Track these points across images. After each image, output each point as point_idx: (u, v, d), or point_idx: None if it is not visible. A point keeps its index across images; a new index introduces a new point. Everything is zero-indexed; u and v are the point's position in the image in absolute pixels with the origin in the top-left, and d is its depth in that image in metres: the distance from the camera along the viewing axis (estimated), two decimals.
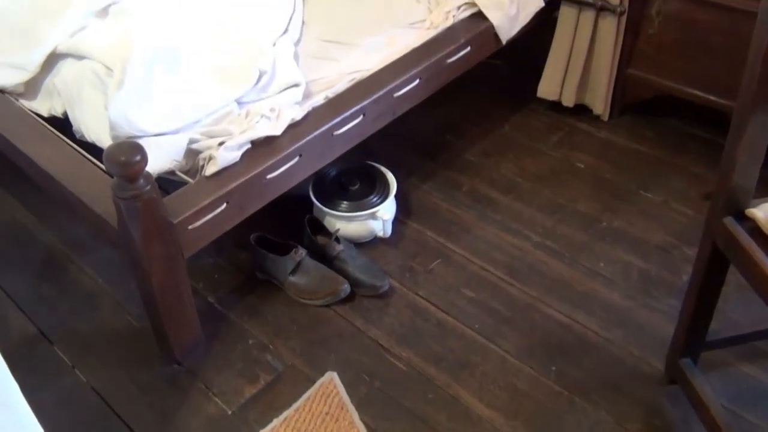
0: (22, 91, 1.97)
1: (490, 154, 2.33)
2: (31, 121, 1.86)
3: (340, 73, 1.91)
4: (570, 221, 2.08)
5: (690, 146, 2.32)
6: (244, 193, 1.64)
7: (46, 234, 2.11)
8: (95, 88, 1.83)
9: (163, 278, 1.58)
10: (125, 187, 1.43)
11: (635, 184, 2.19)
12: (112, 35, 1.95)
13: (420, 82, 1.97)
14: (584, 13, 2.22)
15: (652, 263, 1.94)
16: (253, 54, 1.86)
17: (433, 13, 2.13)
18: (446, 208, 2.14)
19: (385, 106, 1.91)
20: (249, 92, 1.79)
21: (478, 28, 2.11)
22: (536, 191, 2.18)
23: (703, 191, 2.14)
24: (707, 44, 2.10)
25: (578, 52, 2.28)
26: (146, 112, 1.68)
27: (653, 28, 2.16)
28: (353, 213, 1.96)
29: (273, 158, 1.67)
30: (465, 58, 2.08)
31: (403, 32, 2.07)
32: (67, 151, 1.74)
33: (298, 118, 1.75)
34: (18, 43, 1.99)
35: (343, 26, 2.08)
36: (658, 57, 2.22)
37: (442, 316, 1.83)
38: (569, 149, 2.34)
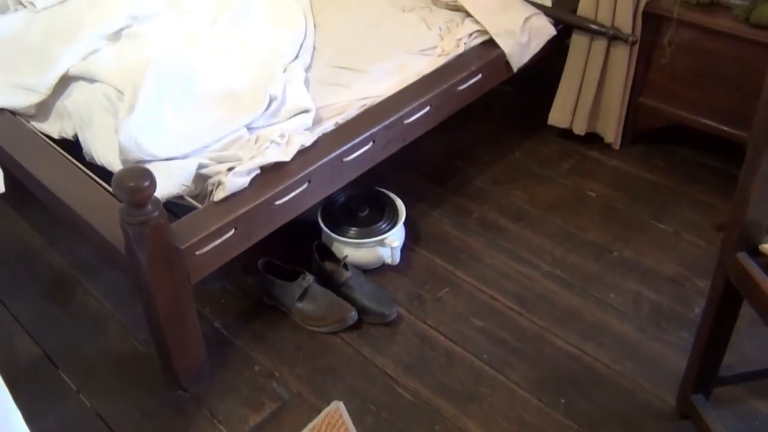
0: (34, 112, 1.98)
1: (500, 181, 2.32)
2: (41, 143, 1.86)
3: (350, 99, 1.91)
4: (580, 251, 2.06)
5: (702, 176, 2.31)
6: (253, 219, 1.63)
7: (55, 255, 2.11)
8: (106, 112, 1.84)
9: (169, 304, 1.57)
10: (133, 213, 1.42)
11: (647, 213, 2.17)
12: (125, 59, 1.96)
13: (430, 109, 1.97)
14: (596, 41, 2.21)
15: (663, 295, 1.91)
16: (264, 79, 1.86)
17: (444, 40, 2.13)
18: (455, 235, 2.13)
19: (395, 132, 1.90)
20: (259, 118, 1.79)
21: (490, 56, 2.11)
22: (546, 219, 2.17)
23: (715, 222, 2.12)
24: (720, 74, 2.09)
25: (590, 80, 2.27)
26: (156, 137, 1.68)
27: (665, 57, 2.15)
28: (362, 240, 1.95)
29: (282, 184, 1.67)
30: (476, 85, 2.08)
31: (414, 59, 2.07)
32: (77, 174, 1.74)
33: (307, 144, 1.75)
34: (31, 65, 2.00)
35: (354, 52, 2.08)
36: (670, 86, 2.21)
37: (450, 345, 1.81)
38: (580, 177, 2.32)
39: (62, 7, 2.22)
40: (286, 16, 2.19)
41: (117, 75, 1.90)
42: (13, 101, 1.95)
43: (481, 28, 2.14)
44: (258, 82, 1.87)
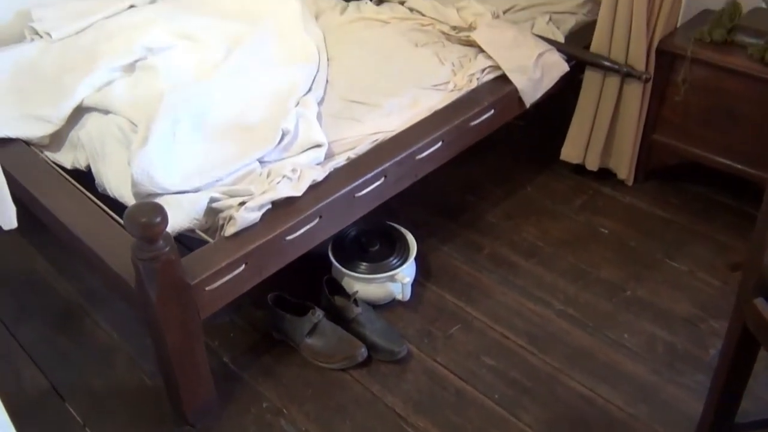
0: (47, 143, 1.99)
1: (512, 216, 2.31)
2: (53, 174, 1.87)
3: (362, 133, 1.91)
4: (593, 289, 2.04)
5: (716, 214, 2.28)
6: (263, 254, 1.62)
7: (64, 284, 2.11)
8: (119, 144, 1.85)
9: (178, 339, 1.56)
10: (144, 248, 1.42)
11: (660, 251, 2.15)
12: (139, 91, 1.98)
13: (443, 144, 1.96)
14: (609, 78, 2.21)
15: (678, 336, 1.88)
16: (277, 113, 1.87)
17: (457, 76, 2.13)
18: (467, 271, 2.11)
19: (407, 168, 1.90)
20: (271, 152, 1.79)
21: (502, 92, 2.11)
22: (559, 256, 2.15)
23: (730, 261, 2.10)
24: (734, 113, 2.08)
25: (603, 116, 2.27)
26: (168, 171, 1.68)
27: (679, 95, 2.14)
28: (372, 275, 1.93)
29: (293, 219, 1.66)
30: (488, 121, 2.08)
31: (426, 93, 2.07)
32: (88, 205, 1.74)
33: (319, 179, 1.74)
34: (46, 96, 2.02)
35: (366, 86, 2.08)
36: (684, 124, 2.20)
37: (461, 384, 1.78)
38: (593, 214, 2.31)
39: (78, 38, 2.24)
40: (299, 50, 2.20)
41: (131, 107, 1.91)
42: (27, 131, 1.96)
43: (494, 64, 2.15)
44: (271, 116, 1.88)
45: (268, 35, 2.23)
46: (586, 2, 2.42)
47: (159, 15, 2.29)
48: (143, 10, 2.36)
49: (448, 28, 2.34)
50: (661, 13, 2.10)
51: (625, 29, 2.11)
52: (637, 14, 2.07)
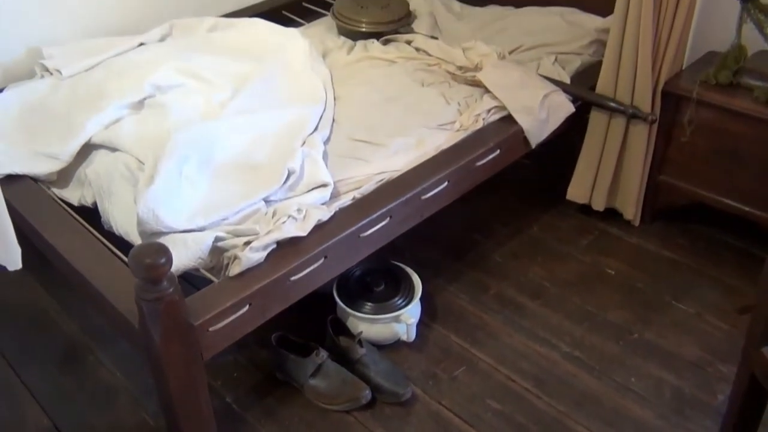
0: (55, 179, 2.00)
1: (518, 255, 2.30)
2: (59, 211, 1.87)
3: (368, 173, 1.91)
4: (600, 331, 2.02)
5: (724, 256, 2.27)
6: (268, 294, 1.62)
7: (68, 322, 2.10)
8: (126, 182, 1.86)
9: (181, 380, 1.54)
10: (148, 289, 1.41)
11: (668, 293, 2.13)
12: (147, 129, 1.99)
13: (448, 184, 1.97)
14: (615, 119, 2.21)
15: (685, 380, 1.86)
16: (283, 153, 1.87)
17: (462, 115, 2.14)
18: (472, 311, 2.09)
19: (412, 208, 1.90)
20: (277, 191, 1.79)
21: (508, 132, 2.11)
22: (565, 297, 2.13)
23: (738, 304, 2.08)
24: (741, 155, 2.08)
25: (609, 156, 2.27)
26: (174, 210, 1.69)
27: (685, 136, 2.15)
28: (377, 315, 1.92)
29: (298, 260, 1.66)
30: (494, 161, 2.08)
31: (432, 133, 2.07)
32: (94, 243, 1.74)
33: (324, 219, 1.74)
34: (55, 133, 2.03)
35: (373, 125, 2.09)
36: (691, 165, 2.20)
37: (466, 428, 1.76)
38: (599, 254, 2.30)
39: (87, 75, 2.26)
40: (307, 89, 2.22)
41: (138, 145, 1.92)
42: (35, 168, 1.96)
43: (500, 104, 2.15)
44: (277, 155, 1.88)
45: (276, 74, 2.25)
46: (592, 43, 2.44)
47: (168, 53, 2.32)
48: (153, 48, 2.39)
49: (454, 68, 2.35)
50: (667, 55, 2.11)
51: (630, 70, 2.12)
52: (643, 56, 2.08)
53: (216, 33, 2.53)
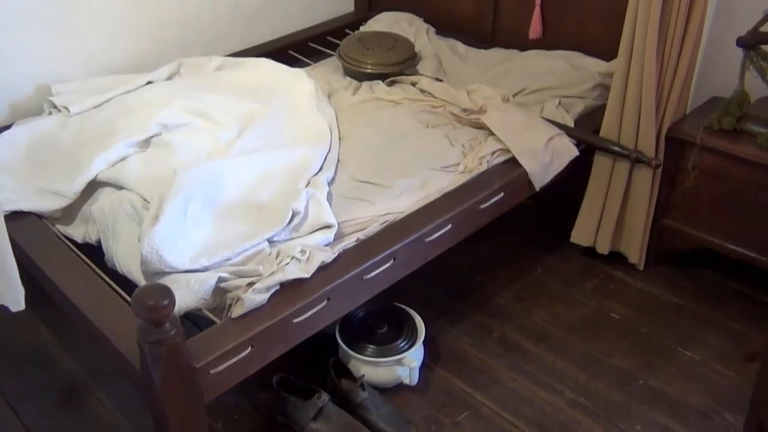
0: (59, 216, 2.00)
1: (522, 298, 2.29)
2: (63, 249, 1.87)
3: (372, 214, 1.91)
4: (605, 377, 1.99)
5: (730, 301, 2.25)
6: (270, 337, 1.60)
7: (69, 360, 2.09)
8: (131, 220, 1.86)
9: (181, 422, 1.52)
10: (150, 331, 1.40)
11: (673, 339, 2.12)
12: (152, 167, 2.00)
13: (452, 227, 1.96)
14: (619, 163, 2.22)
15: (692, 429, 1.83)
16: (288, 194, 1.88)
17: (467, 158, 2.15)
18: (475, 354, 2.08)
19: (416, 250, 1.89)
20: (281, 232, 1.79)
21: (512, 175, 2.11)
22: (569, 342, 2.12)
23: (745, 351, 2.06)
24: (745, 200, 2.08)
25: (613, 200, 2.27)
26: (178, 250, 1.68)
27: (689, 181, 2.15)
28: (379, 358, 1.91)
29: (301, 302, 1.65)
30: (498, 204, 2.08)
31: (436, 175, 2.07)
32: (96, 282, 1.73)
33: (328, 261, 1.73)
34: (61, 171, 2.04)
35: (377, 167, 2.10)
36: (695, 210, 2.20)
37: None
38: (603, 298, 2.28)
39: (95, 113, 2.28)
40: (312, 129, 2.23)
41: (144, 183, 1.92)
42: (40, 206, 1.97)
43: (504, 147, 2.16)
44: (281, 195, 1.89)
45: (281, 114, 2.27)
46: (596, 87, 2.46)
47: (175, 91, 2.34)
48: (160, 87, 2.41)
49: (458, 110, 2.37)
50: (670, 100, 2.12)
51: (634, 115, 2.14)
52: (646, 100, 2.09)
53: (223, 72, 2.56)
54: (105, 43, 2.53)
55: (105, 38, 2.53)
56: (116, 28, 2.53)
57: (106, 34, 2.52)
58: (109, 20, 2.51)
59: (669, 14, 1.99)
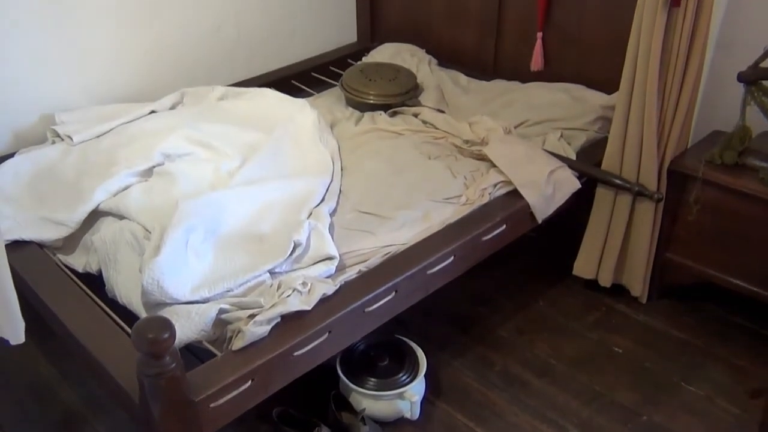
0: (60, 245, 2.00)
1: (524, 331, 2.27)
2: (63, 279, 1.86)
3: (374, 246, 1.90)
4: (608, 412, 1.97)
5: (733, 336, 2.24)
6: (270, 370, 1.59)
7: (67, 390, 2.07)
8: (132, 250, 1.85)
9: None
10: (150, 364, 1.39)
11: (676, 374, 2.10)
12: (154, 197, 2.00)
13: (454, 259, 1.96)
14: (621, 196, 2.22)
15: None
16: (289, 225, 1.87)
17: (469, 189, 2.14)
18: (477, 388, 2.06)
19: (418, 282, 1.88)
20: (282, 263, 1.79)
21: (514, 207, 2.11)
22: (572, 376, 2.10)
23: (749, 387, 2.04)
24: (748, 235, 2.08)
25: (615, 233, 2.27)
26: (179, 281, 1.68)
27: (692, 215, 2.14)
28: (381, 392, 1.89)
29: (302, 335, 1.64)
30: (500, 236, 2.08)
31: (438, 207, 2.07)
32: (96, 313, 1.73)
33: (329, 293, 1.73)
34: (63, 200, 2.04)
35: (379, 198, 2.10)
36: (698, 244, 2.19)
37: None
38: (606, 331, 2.27)
39: (98, 142, 2.29)
40: (314, 159, 2.23)
41: (145, 213, 1.92)
42: (41, 235, 1.97)
43: (506, 179, 2.16)
44: (283, 227, 1.88)
45: (284, 144, 2.27)
46: (597, 119, 2.46)
47: (178, 121, 2.34)
48: (163, 116, 2.42)
49: (460, 141, 2.37)
50: (672, 134, 2.13)
51: (636, 148, 2.14)
52: (648, 134, 2.10)
53: (226, 102, 2.57)
54: (109, 72, 2.55)
55: (109, 67, 2.55)
56: (121, 57, 2.56)
57: (111, 63, 2.54)
58: (114, 50, 2.53)
59: (670, 49, 2.00)
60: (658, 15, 1.94)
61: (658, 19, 1.94)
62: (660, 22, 1.94)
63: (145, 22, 2.57)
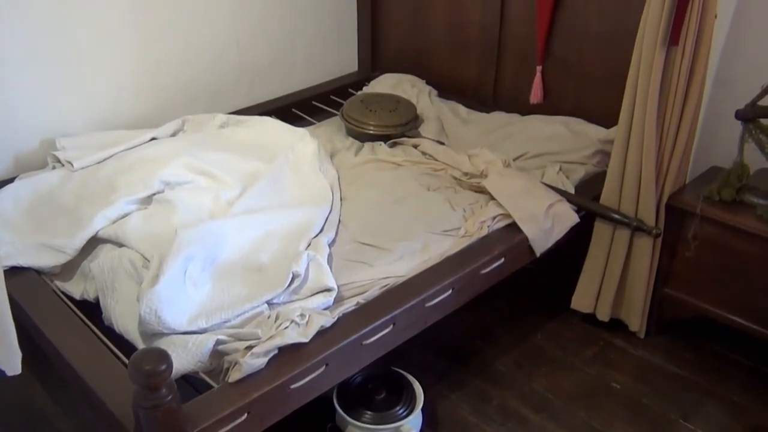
0: (58, 272, 1.99)
1: (521, 364, 2.26)
2: (60, 306, 1.85)
3: (373, 278, 1.90)
4: None
5: (731, 373, 2.23)
6: (267, 402, 1.58)
7: (63, 420, 2.04)
8: (130, 278, 1.85)
9: None
10: (146, 396, 1.38)
11: (674, 411, 2.08)
12: (153, 226, 2.00)
13: (453, 292, 1.95)
14: (619, 230, 2.22)
15: None
16: (288, 255, 1.87)
17: (468, 222, 2.15)
18: (474, 423, 2.04)
19: (416, 315, 1.88)
20: (280, 294, 1.78)
21: (513, 240, 2.11)
22: (570, 411, 2.08)
23: (746, 425, 2.02)
24: (746, 272, 2.08)
25: (613, 267, 2.27)
26: (177, 311, 1.67)
27: (690, 251, 2.15)
28: (377, 425, 1.88)
29: (299, 367, 1.63)
30: (499, 269, 2.07)
31: (437, 239, 2.07)
32: (93, 342, 1.72)
33: (327, 325, 1.72)
34: (63, 226, 2.04)
35: (378, 229, 2.10)
36: (696, 279, 2.19)
37: None
38: (604, 366, 2.26)
39: (98, 169, 2.29)
40: (314, 190, 2.24)
41: (144, 241, 1.92)
42: (40, 261, 1.96)
43: (505, 212, 2.16)
44: (282, 257, 1.88)
45: (284, 173, 2.28)
46: (596, 153, 2.48)
47: (179, 149, 2.35)
48: (164, 143, 2.43)
49: (460, 173, 2.38)
50: (670, 169, 2.14)
51: (634, 183, 2.15)
52: (646, 169, 2.11)
53: (227, 129, 2.58)
54: (111, 98, 2.56)
55: (110, 93, 2.56)
56: (122, 83, 2.57)
57: (112, 89, 2.56)
58: (116, 76, 2.55)
59: (668, 86, 2.02)
60: (656, 53, 1.96)
61: (657, 57, 1.96)
62: (659, 60, 1.96)
63: (147, 48, 2.59)
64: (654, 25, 1.94)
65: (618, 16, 2.45)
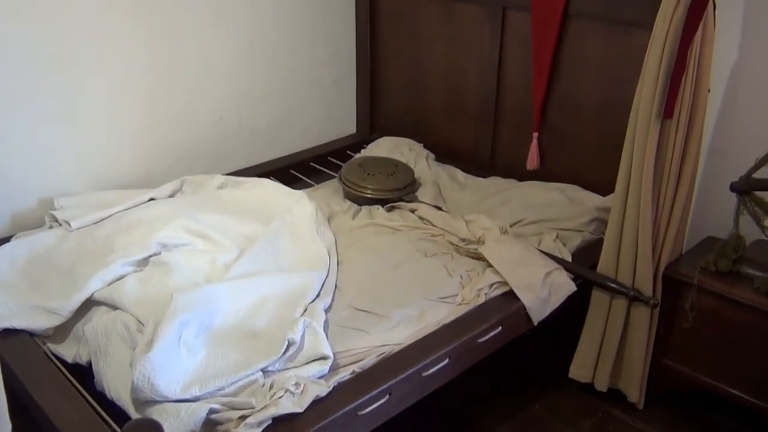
0: (51, 334, 1.97)
1: None
2: (52, 370, 1.83)
3: (369, 345, 1.88)
4: None
5: None
6: None
7: None
8: (124, 343, 1.83)
9: None
10: None
11: None
12: (149, 289, 1.99)
13: (449, 361, 1.93)
14: (617, 300, 2.22)
15: None
16: (284, 322, 1.86)
17: (465, 289, 2.14)
18: None
19: (412, 385, 1.85)
20: (275, 362, 1.76)
21: (510, 308, 2.09)
22: None
23: None
24: (744, 344, 2.06)
25: (611, 337, 2.25)
26: (170, 378, 1.65)
27: (687, 322, 2.14)
28: None
29: None
30: (496, 337, 2.05)
31: (434, 306, 2.06)
32: (84, 409, 1.68)
33: (322, 395, 1.70)
34: (58, 287, 2.03)
35: (375, 295, 2.09)
36: (695, 351, 2.18)
37: None
38: None
39: (95, 229, 2.29)
40: (310, 254, 2.24)
41: (139, 305, 1.91)
42: (32, 323, 1.94)
43: (502, 279, 2.16)
44: (277, 324, 1.87)
45: (281, 237, 2.28)
46: (592, 221, 2.49)
47: (177, 210, 2.35)
48: (162, 204, 2.43)
49: (457, 239, 2.38)
50: (667, 239, 2.15)
51: (631, 252, 2.15)
52: (643, 238, 2.11)
53: (225, 190, 2.58)
54: (110, 158, 2.58)
55: (110, 154, 2.58)
56: (122, 144, 2.59)
57: (112, 149, 2.58)
58: (115, 136, 2.57)
59: (663, 158, 2.04)
60: (651, 126, 1.99)
61: (651, 131, 1.99)
62: (653, 133, 1.99)
63: (146, 110, 2.62)
64: (648, 99, 1.98)
65: (612, 88, 2.50)
